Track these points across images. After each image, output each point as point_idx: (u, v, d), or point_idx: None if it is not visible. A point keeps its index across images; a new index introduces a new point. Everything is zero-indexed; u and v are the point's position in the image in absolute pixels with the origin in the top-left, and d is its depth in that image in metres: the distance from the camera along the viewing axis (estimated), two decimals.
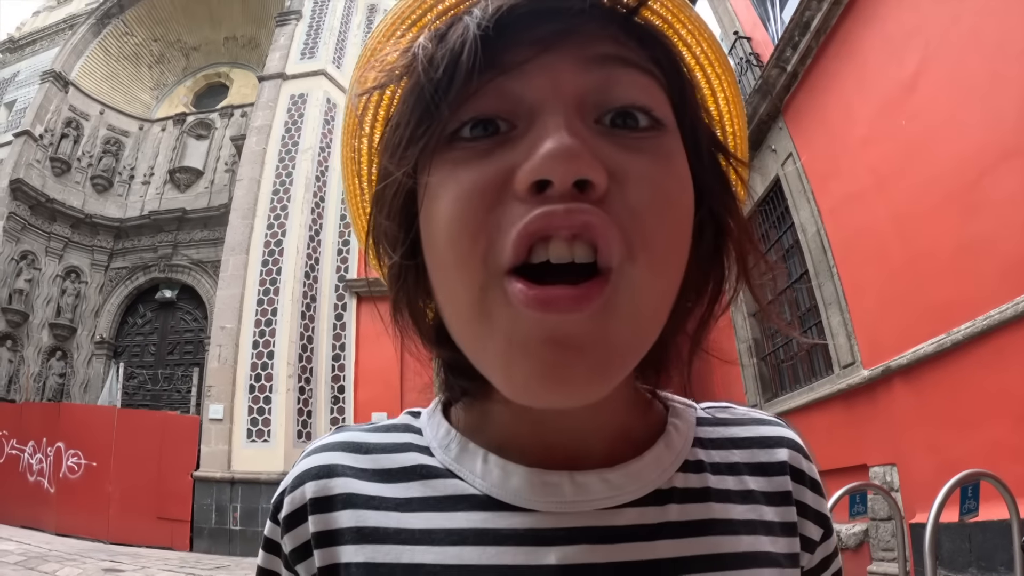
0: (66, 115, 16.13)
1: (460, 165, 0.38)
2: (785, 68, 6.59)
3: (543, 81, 0.37)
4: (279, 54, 14.70)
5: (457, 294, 0.38)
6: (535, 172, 0.35)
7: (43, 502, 10.36)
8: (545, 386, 0.36)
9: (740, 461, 0.49)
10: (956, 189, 4.48)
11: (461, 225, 0.37)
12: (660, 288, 0.38)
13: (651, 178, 0.37)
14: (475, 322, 0.38)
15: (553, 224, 0.35)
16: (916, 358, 4.90)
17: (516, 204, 0.36)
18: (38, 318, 14.75)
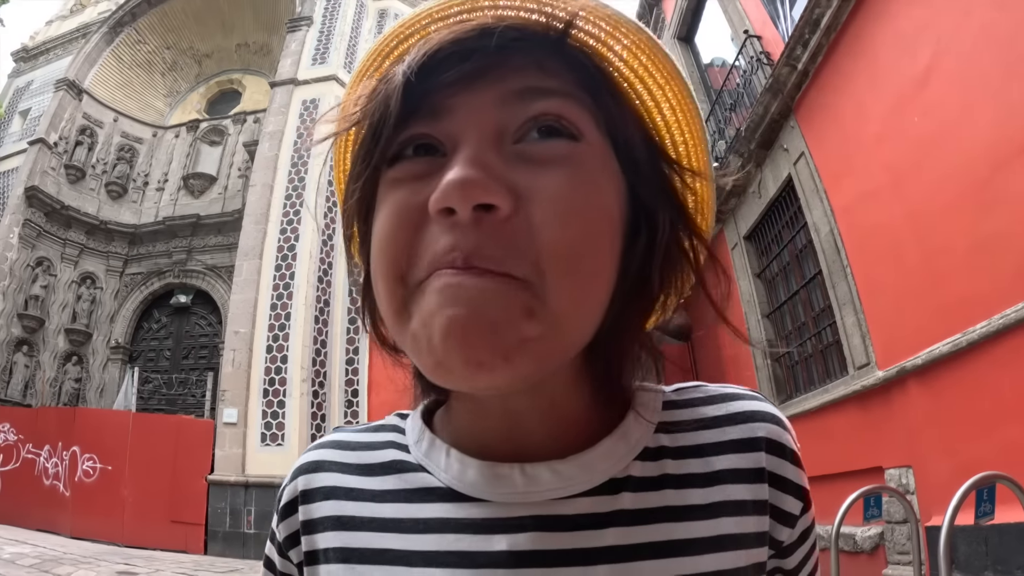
0: (80, 123, 16.32)
1: (398, 185, 0.42)
2: (796, 66, 6.52)
3: (464, 116, 0.41)
4: (290, 60, 14.81)
5: (384, 300, 0.42)
6: (439, 201, 0.38)
7: (59, 505, 10.45)
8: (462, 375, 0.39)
9: (707, 442, 0.49)
10: (970, 185, 4.41)
11: (389, 243, 0.41)
12: (573, 291, 0.39)
13: (559, 194, 0.39)
14: (400, 320, 0.41)
15: (461, 251, 0.38)
16: (931, 358, 4.83)
17: (432, 228, 0.40)
18: (54, 324, 14.91)
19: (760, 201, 8.05)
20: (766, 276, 8.40)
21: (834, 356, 6.73)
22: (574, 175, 0.40)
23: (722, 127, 9.10)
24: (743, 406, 0.51)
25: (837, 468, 6.28)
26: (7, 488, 10.95)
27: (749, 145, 7.75)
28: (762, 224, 8.26)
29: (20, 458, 11.12)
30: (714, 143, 9.31)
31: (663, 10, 11.86)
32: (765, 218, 8.12)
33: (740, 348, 8.87)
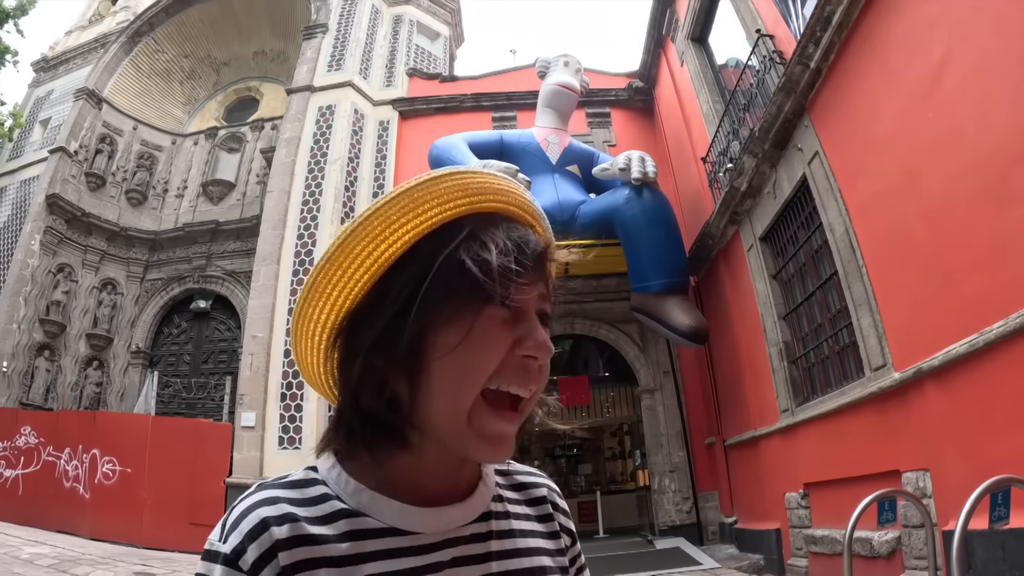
0: (100, 131, 16.56)
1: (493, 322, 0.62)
2: (808, 64, 6.45)
3: (532, 295, 0.66)
4: (306, 67, 14.92)
5: (459, 399, 0.62)
6: (530, 349, 0.64)
7: (78, 507, 10.55)
8: (497, 454, 0.65)
9: (520, 498, 0.80)
10: (987, 182, 4.33)
11: (486, 361, 0.62)
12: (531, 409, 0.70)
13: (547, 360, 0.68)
14: (465, 417, 0.63)
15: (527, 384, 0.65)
16: (948, 359, 4.74)
17: (513, 360, 0.63)
18: (75, 329, 15.12)
19: (775, 202, 7.98)
20: (782, 277, 8.32)
21: (851, 358, 6.64)
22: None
23: (736, 128, 9.03)
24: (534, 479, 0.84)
25: (854, 472, 6.19)
26: (28, 490, 11.08)
27: (763, 145, 7.69)
28: (777, 225, 8.18)
29: (41, 461, 11.22)
30: (728, 144, 9.24)
31: (676, 11, 11.81)
32: (780, 219, 8.05)
33: (757, 351, 8.79)
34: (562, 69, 12.19)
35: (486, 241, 0.63)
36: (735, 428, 9.87)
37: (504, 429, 0.63)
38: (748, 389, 9.16)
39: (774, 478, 8.18)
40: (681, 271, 9.98)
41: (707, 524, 10.72)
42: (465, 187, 0.66)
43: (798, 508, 7.46)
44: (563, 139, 11.84)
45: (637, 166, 9.88)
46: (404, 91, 15.39)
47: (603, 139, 14.25)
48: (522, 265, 0.63)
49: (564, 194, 10.94)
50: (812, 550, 6.96)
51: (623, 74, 15.16)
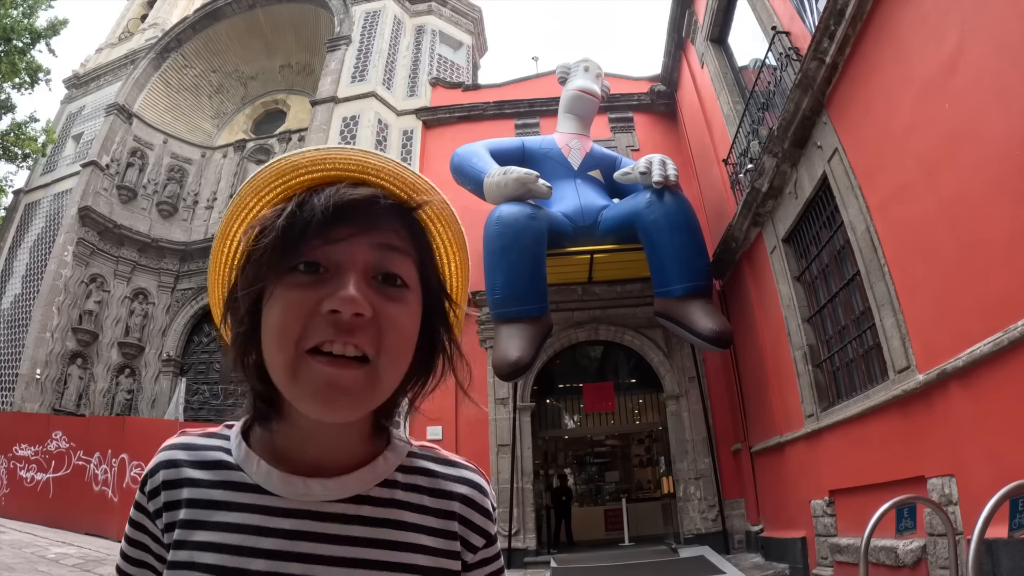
0: (131, 145, 17.03)
1: (292, 288, 0.65)
2: (824, 59, 6.29)
3: (349, 253, 0.67)
4: (330, 78, 15.12)
5: (277, 360, 0.66)
6: (332, 305, 0.64)
7: (107, 510, 10.69)
8: (326, 408, 0.65)
9: (423, 485, 0.78)
10: (1007, 173, 4.16)
11: (285, 324, 0.65)
12: (391, 372, 0.69)
13: (395, 316, 0.68)
14: (289, 375, 0.65)
15: (340, 339, 0.64)
16: (972, 359, 4.55)
17: (319, 317, 0.64)
18: (107, 337, 15.50)
19: (797, 202, 7.81)
20: (805, 279, 8.13)
21: (875, 360, 6.44)
22: (405, 309, 0.69)
23: (756, 128, 8.87)
24: (455, 471, 0.81)
25: (879, 478, 5.99)
26: (58, 493, 11.30)
27: (782, 144, 7.53)
28: (800, 225, 8.00)
29: (72, 465, 11.43)
30: (748, 144, 9.09)
31: (695, 12, 11.69)
32: (802, 219, 7.87)
33: (782, 355, 8.60)
34: (582, 74, 12.14)
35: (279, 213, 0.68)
36: (761, 434, 9.67)
37: (325, 377, 0.63)
38: (773, 394, 8.96)
39: (799, 485, 7.98)
40: (704, 275, 9.82)
41: (733, 532, 10.49)
42: (279, 171, 0.72)
43: (823, 516, 7.25)
44: (585, 144, 11.77)
45: (658, 169, 9.77)
46: (427, 100, 15.48)
47: (626, 144, 14.15)
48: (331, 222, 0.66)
49: (586, 199, 10.86)
50: (837, 559, 6.75)
51: (645, 78, 15.05)
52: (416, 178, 0.74)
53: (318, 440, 0.72)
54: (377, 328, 0.66)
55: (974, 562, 2.98)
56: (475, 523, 0.79)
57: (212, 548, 0.68)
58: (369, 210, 0.68)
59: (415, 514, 0.75)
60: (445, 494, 0.78)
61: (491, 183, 10.08)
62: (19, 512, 10.99)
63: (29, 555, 7.92)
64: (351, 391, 0.64)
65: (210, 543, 0.68)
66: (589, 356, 13.30)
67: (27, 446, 11.79)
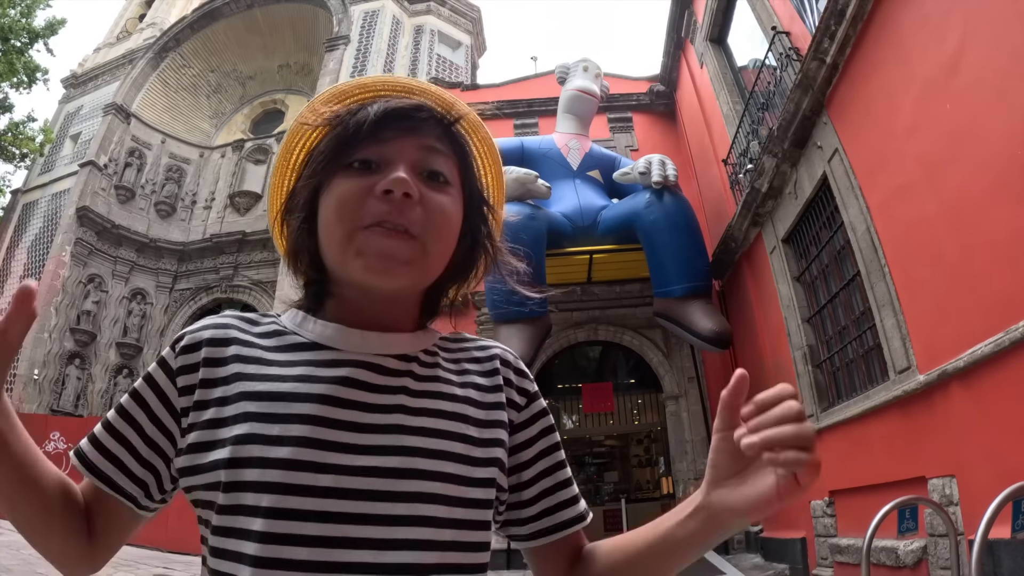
0: (129, 145, 17.02)
1: (348, 179, 0.74)
2: (824, 60, 6.29)
3: (397, 151, 0.76)
4: (329, 78, 15.13)
5: (335, 235, 0.73)
6: (385, 185, 0.72)
7: None
8: (382, 275, 0.72)
9: (461, 356, 0.85)
10: (1008, 173, 4.15)
11: (343, 204, 0.73)
12: (440, 246, 0.77)
13: (440, 202, 0.76)
14: (345, 247, 0.72)
15: (392, 216, 0.72)
16: (973, 360, 4.54)
17: (373, 199, 0.72)
18: (105, 338, 15.48)
19: (796, 202, 7.80)
20: (805, 279, 8.12)
21: (875, 360, 6.44)
22: (448, 199, 0.77)
23: (756, 128, 8.87)
24: (486, 343, 0.89)
25: (879, 479, 5.99)
26: None
27: (782, 144, 7.53)
28: (800, 226, 8.00)
29: (69, 466, 11.37)
30: (748, 144, 9.08)
31: (694, 12, 11.69)
32: (802, 219, 7.86)
33: (781, 355, 8.59)
34: (581, 74, 12.13)
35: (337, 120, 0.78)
36: None
37: (380, 246, 0.71)
38: None
39: None
40: (703, 275, 9.81)
41: None
42: (334, 93, 0.82)
43: (823, 516, 7.25)
44: (584, 144, 11.76)
45: (657, 170, 9.76)
46: None
47: (625, 144, 14.15)
48: (380, 125, 0.75)
49: (585, 199, 10.85)
50: (837, 559, 6.74)
51: (644, 78, 15.06)
52: (453, 98, 0.82)
53: (371, 311, 0.78)
54: (424, 210, 0.73)
55: (977, 562, 2.97)
56: (512, 380, 0.85)
57: (260, 397, 0.70)
58: (414, 116, 0.77)
59: (458, 375, 0.81)
60: (483, 359, 0.85)
61: None
62: None
63: (27, 556, 7.82)
64: (403, 259, 0.72)
65: (258, 392, 0.71)
66: (588, 356, 13.29)
67: None
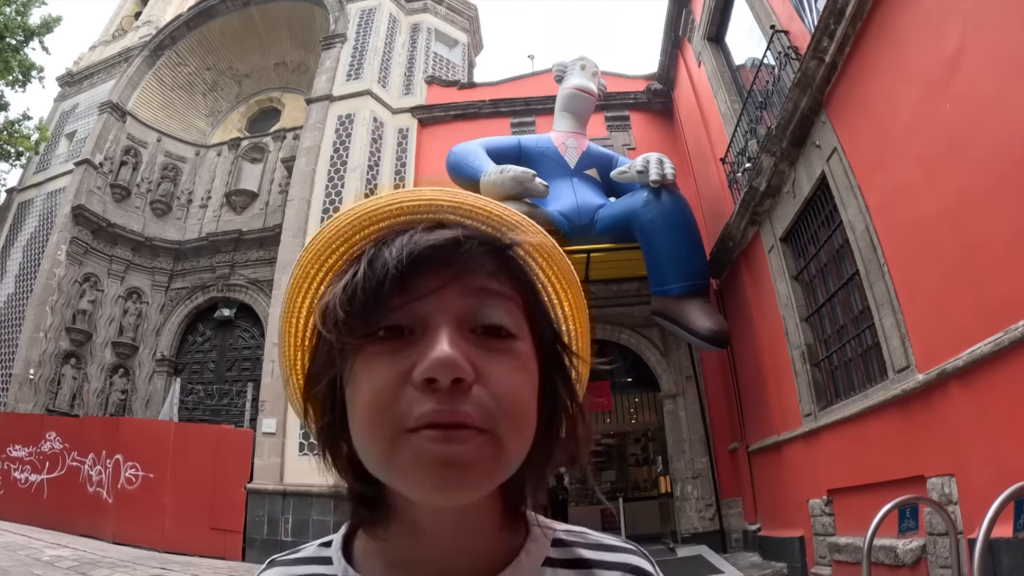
0: (124, 143, 16.96)
1: (375, 360, 0.53)
2: (823, 59, 6.30)
3: (436, 306, 0.54)
4: (325, 76, 15.08)
5: (372, 446, 0.53)
6: (426, 373, 0.51)
7: (101, 512, 10.67)
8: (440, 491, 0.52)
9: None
10: (1008, 173, 4.17)
11: (373, 406, 0.52)
12: (517, 438, 0.55)
13: (506, 374, 0.54)
14: (387, 459, 0.52)
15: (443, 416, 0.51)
16: (973, 359, 4.56)
17: (414, 391, 0.51)
18: (101, 337, 15.41)
19: (795, 201, 7.82)
20: (804, 278, 8.15)
21: (874, 359, 6.46)
22: (516, 362, 0.56)
23: (754, 127, 8.88)
24: (613, 557, 0.66)
25: (878, 477, 6.01)
26: (53, 494, 11.25)
27: (781, 143, 7.55)
28: (798, 224, 8.02)
29: (66, 466, 11.38)
30: (746, 143, 9.10)
31: (692, 11, 11.70)
32: (800, 218, 7.89)
33: (779, 354, 8.62)
34: (579, 72, 12.12)
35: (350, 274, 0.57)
36: (758, 433, 9.69)
37: (435, 454, 0.51)
38: (771, 393, 8.98)
39: (797, 484, 8.01)
40: (701, 274, 9.84)
41: (730, 531, 10.53)
42: (338, 230, 0.62)
43: (822, 515, 7.27)
44: (581, 143, 11.76)
45: (655, 168, 9.77)
46: (423, 99, 15.46)
47: (623, 142, 14.16)
48: (408, 274, 0.54)
49: (583, 198, 10.85)
50: (836, 558, 6.77)
51: (641, 76, 15.07)
52: (502, 210, 0.62)
53: (442, 541, 0.59)
54: (487, 392, 0.53)
55: (980, 561, 2.98)
56: None
57: None
58: (453, 254, 0.56)
59: None
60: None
61: (488, 182, 10.06)
62: (13, 514, 10.91)
63: (24, 557, 7.89)
64: (469, 465, 0.52)
65: None
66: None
67: (21, 447, 11.73)
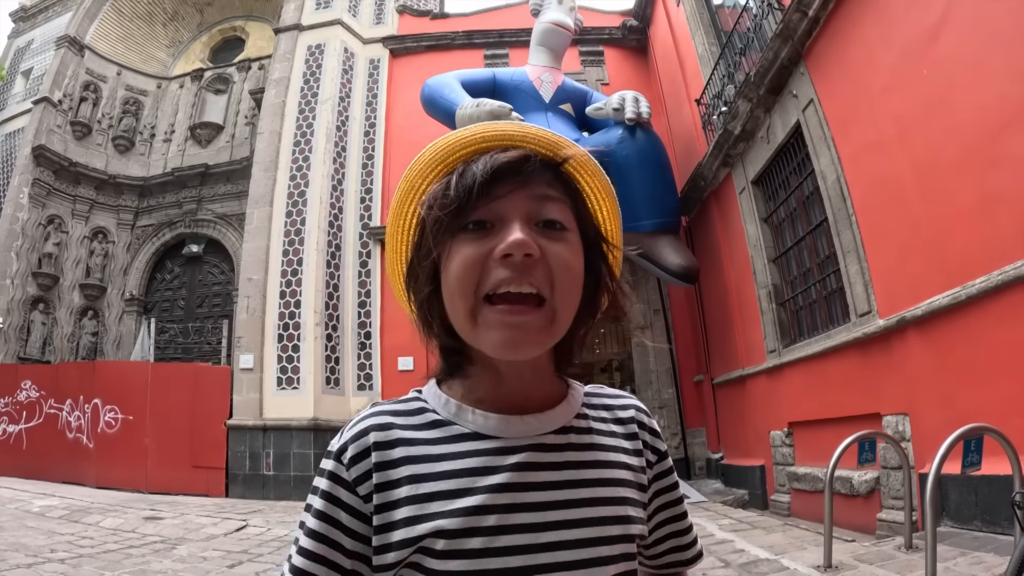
0: (83, 79, 16.24)
1: (465, 244, 0.72)
2: (807, 12, 6.38)
3: (511, 206, 0.73)
4: (294, 5, 14.51)
5: (460, 309, 0.72)
6: (505, 250, 0.70)
7: (83, 457, 10.73)
8: (510, 349, 0.71)
9: (607, 416, 0.87)
10: (977, 141, 4.40)
11: (464, 275, 0.71)
12: (568, 307, 0.74)
13: (561, 254, 0.73)
14: (470, 321, 0.72)
15: (515, 280, 0.70)
16: (931, 310, 4.90)
17: (493, 264, 0.71)
18: (68, 280, 15.15)
19: (768, 147, 8.00)
20: (773, 221, 8.41)
21: (837, 303, 6.81)
22: (569, 248, 0.74)
23: (732, 71, 8.95)
24: (624, 401, 0.90)
25: (836, 413, 6.43)
26: (32, 444, 11.27)
27: (758, 90, 7.66)
28: (770, 169, 8.22)
29: (43, 414, 11.36)
30: (723, 87, 9.17)
31: None
32: (773, 164, 8.09)
33: (746, 292, 8.94)
34: (555, 7, 11.90)
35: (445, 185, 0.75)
36: (723, 367, 10.11)
37: (506, 320, 0.70)
38: (736, 329, 9.34)
39: (759, 416, 8.46)
40: (673, 211, 10.02)
41: (694, 460, 11.10)
42: (436, 153, 0.79)
43: (782, 446, 7.74)
44: (556, 78, 11.66)
45: (631, 106, 9.78)
46: (394, 29, 15.04)
47: (596, 78, 14.05)
48: (490, 183, 0.72)
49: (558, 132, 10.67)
50: (794, 487, 7.27)
51: (617, 12, 14.83)
52: (556, 137, 0.79)
53: (517, 382, 0.78)
54: (547, 267, 0.71)
55: (931, 495, 3.32)
56: (647, 442, 0.88)
57: (442, 496, 0.72)
58: (521, 168, 0.74)
59: (609, 438, 0.83)
60: (623, 420, 0.87)
61: (463, 115, 9.96)
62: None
63: (14, 511, 7.97)
64: (533, 330, 0.71)
65: (438, 492, 0.73)
66: None
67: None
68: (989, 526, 4.13)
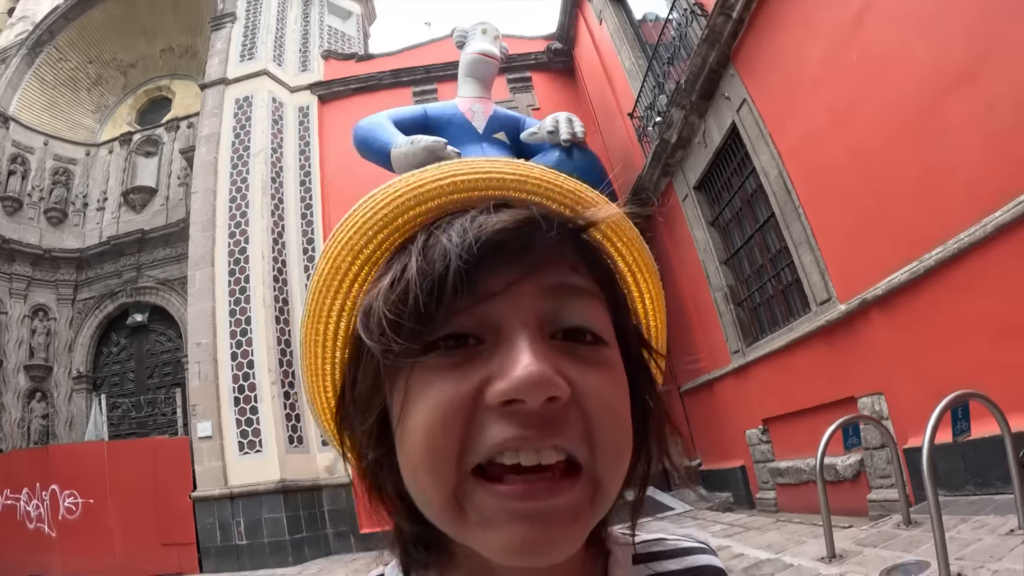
0: (10, 151, 15.79)
1: (435, 376, 0.43)
2: (730, 15, 6.57)
3: (511, 307, 0.44)
4: (218, 59, 14.33)
5: (431, 491, 0.43)
6: (511, 393, 0.40)
7: (46, 548, 10.17)
8: (528, 556, 0.42)
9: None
10: (912, 117, 4.54)
11: (435, 434, 0.42)
12: (616, 474, 0.45)
13: (602, 391, 0.44)
14: (451, 509, 0.43)
15: (529, 443, 0.41)
16: (891, 287, 5.00)
17: (488, 413, 0.41)
18: (11, 362, 14.50)
19: (706, 151, 8.14)
20: (720, 223, 8.52)
21: (795, 295, 6.90)
22: (610, 376, 0.46)
23: (661, 82, 9.14)
24: (696, 560, 0.60)
25: (810, 402, 6.48)
26: None
27: (690, 97, 7.81)
28: (710, 173, 8.36)
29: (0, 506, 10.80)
30: (654, 98, 9.35)
31: None
32: (713, 167, 8.22)
33: (702, 297, 9.01)
34: (480, 37, 12.00)
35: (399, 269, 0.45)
36: (688, 375, 10.13)
37: (515, 507, 0.41)
38: (697, 334, 9.39)
39: (732, 418, 8.48)
40: None
41: (673, 470, 11.01)
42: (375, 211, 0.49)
43: (759, 444, 7.76)
44: (487, 107, 11.71)
45: (565, 127, 9.85)
46: (321, 74, 14.98)
47: (526, 103, 14.21)
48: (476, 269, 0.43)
49: None
50: (778, 482, 7.28)
51: (541, 37, 15.07)
52: (575, 184, 0.52)
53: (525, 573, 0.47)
54: (581, 413, 0.43)
55: (928, 466, 3.32)
56: None
57: None
58: (527, 240, 0.45)
59: None
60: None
61: (399, 154, 9.87)
62: None
63: None
64: (562, 520, 0.42)
65: None
66: None
67: None
68: (982, 488, 4.18)
